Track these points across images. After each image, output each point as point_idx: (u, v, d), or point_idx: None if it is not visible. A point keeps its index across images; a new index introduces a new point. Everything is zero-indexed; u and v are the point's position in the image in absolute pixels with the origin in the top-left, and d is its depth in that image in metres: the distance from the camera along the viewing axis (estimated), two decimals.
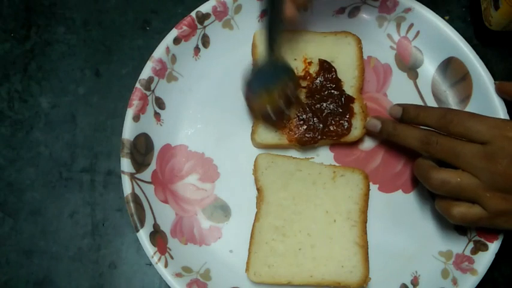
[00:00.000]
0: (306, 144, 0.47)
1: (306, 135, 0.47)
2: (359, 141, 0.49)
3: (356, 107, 0.48)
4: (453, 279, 0.45)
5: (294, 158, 0.48)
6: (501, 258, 0.45)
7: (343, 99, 0.48)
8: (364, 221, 0.46)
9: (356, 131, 0.48)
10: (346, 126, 0.47)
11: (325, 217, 0.46)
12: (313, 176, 0.47)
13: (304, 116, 0.48)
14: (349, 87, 0.49)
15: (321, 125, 0.48)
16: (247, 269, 0.45)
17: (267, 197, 0.47)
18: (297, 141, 0.47)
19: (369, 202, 0.47)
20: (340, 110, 0.48)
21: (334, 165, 0.48)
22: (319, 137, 0.47)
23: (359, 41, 0.50)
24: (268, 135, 0.48)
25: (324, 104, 0.48)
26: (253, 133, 0.48)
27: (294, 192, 0.47)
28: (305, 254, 0.45)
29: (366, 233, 0.46)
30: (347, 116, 0.48)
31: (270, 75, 0.46)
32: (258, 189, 0.47)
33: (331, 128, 0.48)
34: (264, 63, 0.45)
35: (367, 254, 0.46)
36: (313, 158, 0.49)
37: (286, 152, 0.49)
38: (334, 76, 0.49)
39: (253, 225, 0.46)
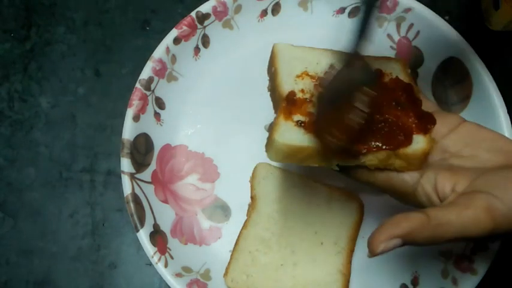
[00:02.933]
0: (345, 158, 0.36)
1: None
2: None
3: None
4: (453, 279, 0.45)
5: (293, 173, 0.48)
6: (501, 258, 0.45)
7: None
8: (351, 250, 0.46)
9: (419, 145, 0.36)
10: (404, 137, 0.37)
11: (313, 237, 0.46)
12: (309, 195, 0.47)
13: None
14: None
15: (371, 132, 0.36)
16: (225, 274, 0.45)
17: (260, 206, 0.47)
18: (330, 149, 0.35)
19: (369, 202, 0.47)
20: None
21: (333, 187, 0.48)
22: (370, 145, 0.36)
23: (404, 64, 0.42)
24: (294, 136, 0.36)
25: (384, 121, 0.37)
26: (273, 134, 0.36)
27: (287, 207, 0.47)
28: (286, 270, 0.45)
29: (350, 262, 0.46)
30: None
31: (355, 82, 0.35)
32: (251, 197, 0.47)
33: (385, 136, 0.37)
34: (349, 67, 0.36)
35: (348, 283, 0.45)
36: (312, 176, 0.48)
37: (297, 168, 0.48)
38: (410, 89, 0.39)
39: (240, 232, 0.46)
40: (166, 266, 0.44)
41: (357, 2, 0.51)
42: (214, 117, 0.50)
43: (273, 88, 0.41)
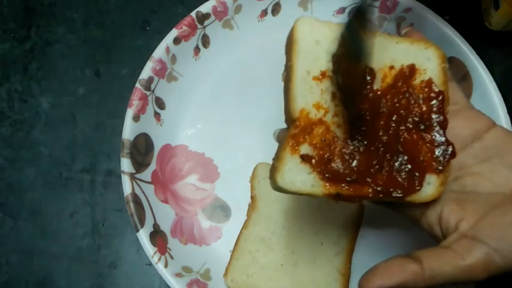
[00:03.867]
0: (351, 201, 0.31)
1: (352, 186, 0.31)
2: None
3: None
4: None
5: None
6: None
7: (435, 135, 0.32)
8: (351, 250, 0.46)
9: (430, 188, 0.32)
10: (417, 180, 0.31)
11: (313, 238, 0.46)
12: None
13: (358, 147, 0.32)
14: None
15: (382, 171, 0.31)
16: (225, 274, 0.45)
17: (260, 206, 0.47)
18: (336, 195, 0.31)
19: (369, 203, 0.47)
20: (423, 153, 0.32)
21: None
22: (377, 190, 0.31)
23: (443, 59, 0.34)
24: (297, 177, 0.31)
25: (402, 137, 0.32)
26: (275, 171, 0.31)
27: (288, 207, 0.47)
28: (286, 270, 0.45)
29: (350, 263, 0.46)
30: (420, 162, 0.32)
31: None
32: (251, 197, 0.47)
33: (395, 179, 0.31)
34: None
35: (348, 283, 0.45)
36: None
37: None
38: (440, 104, 0.32)
39: (240, 232, 0.46)
40: (166, 266, 0.44)
41: (356, 2, 0.51)
42: (214, 117, 0.50)
43: (286, 87, 0.34)
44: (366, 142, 0.32)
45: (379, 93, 0.33)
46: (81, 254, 0.48)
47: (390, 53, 0.34)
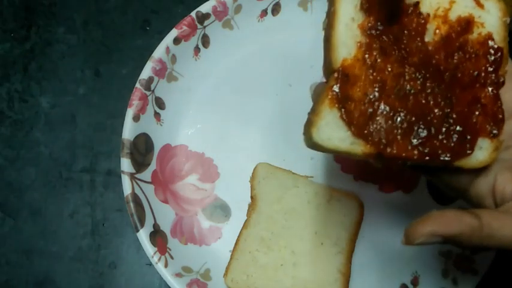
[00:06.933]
0: (393, 163, 0.30)
1: (396, 144, 0.29)
2: None
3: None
4: (453, 279, 0.45)
5: (293, 173, 0.48)
6: (501, 258, 0.45)
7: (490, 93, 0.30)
8: (351, 250, 0.46)
9: (482, 153, 0.30)
10: (469, 143, 0.29)
11: (313, 238, 0.46)
12: (309, 195, 0.47)
13: (404, 103, 0.29)
14: None
15: (428, 131, 0.29)
16: (225, 274, 0.45)
17: (260, 206, 0.47)
18: (378, 155, 0.29)
19: (369, 202, 0.47)
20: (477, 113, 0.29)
21: (333, 188, 0.47)
22: (423, 152, 0.29)
23: (505, 13, 0.31)
24: (335, 133, 0.29)
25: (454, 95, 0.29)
26: (310, 125, 0.29)
27: (287, 207, 0.47)
28: (286, 271, 0.45)
29: (350, 262, 0.46)
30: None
31: None
32: (251, 197, 0.47)
33: (444, 141, 0.29)
34: None
35: (348, 283, 0.45)
36: (312, 177, 0.48)
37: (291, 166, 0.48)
38: (500, 55, 0.30)
39: (240, 232, 0.46)
40: (166, 266, 0.44)
41: None
42: (214, 117, 0.50)
43: (327, 35, 0.31)
44: (412, 98, 0.29)
45: (430, 48, 0.30)
46: (81, 254, 0.48)
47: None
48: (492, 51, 0.30)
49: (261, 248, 0.46)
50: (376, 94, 0.29)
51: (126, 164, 0.45)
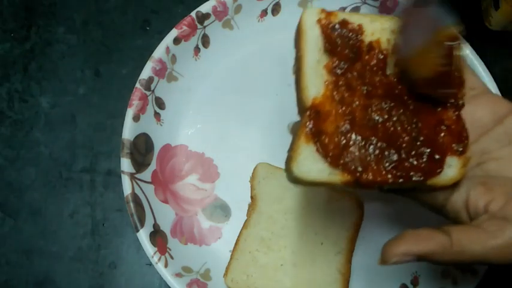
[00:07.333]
0: (370, 188, 0.31)
1: (371, 170, 0.31)
2: None
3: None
4: (453, 279, 0.45)
5: None
6: None
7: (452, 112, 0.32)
8: (351, 250, 0.46)
9: (451, 171, 0.32)
10: (438, 162, 0.31)
11: (313, 238, 0.46)
12: (309, 195, 0.47)
13: (374, 132, 0.31)
14: None
15: (399, 155, 0.31)
16: (225, 274, 0.45)
17: (260, 206, 0.47)
18: (355, 182, 0.31)
19: (369, 202, 0.47)
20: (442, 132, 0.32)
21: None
22: (397, 174, 0.31)
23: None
24: (314, 166, 0.31)
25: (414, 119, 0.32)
26: (290, 161, 0.31)
27: (287, 207, 0.47)
28: (286, 271, 0.45)
29: (350, 262, 0.46)
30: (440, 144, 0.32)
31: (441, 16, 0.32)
32: (251, 197, 0.47)
33: (414, 162, 0.31)
34: None
35: (348, 283, 0.45)
36: None
37: None
38: (458, 79, 0.33)
39: (240, 232, 0.46)
40: (166, 266, 0.44)
41: (356, 2, 0.51)
42: (214, 117, 0.50)
43: (297, 77, 0.34)
44: (381, 126, 0.31)
45: (392, 79, 0.33)
46: (81, 254, 0.48)
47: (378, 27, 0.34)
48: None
49: (261, 248, 0.46)
50: (348, 126, 0.31)
51: (126, 164, 0.45)
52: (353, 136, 0.31)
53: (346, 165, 0.31)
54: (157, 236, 0.45)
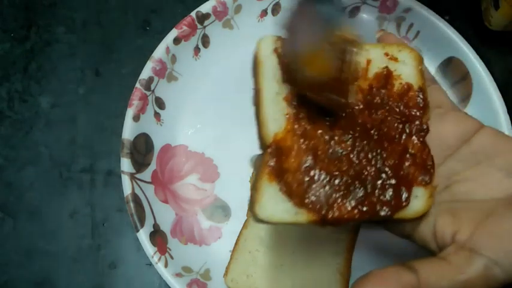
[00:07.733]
0: (338, 225, 0.30)
1: (337, 207, 0.29)
2: None
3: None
4: None
5: None
6: None
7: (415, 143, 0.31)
8: (351, 250, 0.46)
9: (418, 202, 0.30)
10: (404, 195, 0.30)
11: (313, 238, 0.46)
12: None
13: (338, 168, 0.30)
14: None
15: (365, 190, 0.30)
16: (225, 274, 0.45)
17: None
18: (322, 221, 0.29)
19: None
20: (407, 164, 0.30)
21: None
22: (363, 210, 0.29)
23: (420, 61, 0.33)
24: (278, 206, 0.29)
25: (381, 151, 0.30)
26: (254, 202, 0.30)
27: None
28: (286, 271, 0.45)
29: (350, 263, 0.46)
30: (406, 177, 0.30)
31: (331, 18, 0.29)
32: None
33: (380, 197, 0.30)
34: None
35: (348, 284, 0.45)
36: None
37: None
38: (421, 103, 0.31)
39: (240, 232, 0.46)
40: (166, 266, 0.44)
41: (356, 2, 0.51)
42: (214, 117, 0.50)
43: (257, 112, 0.32)
44: (345, 159, 0.30)
45: (360, 107, 0.31)
46: (81, 254, 0.48)
47: (362, 61, 0.32)
48: (413, 101, 0.31)
49: (261, 248, 0.46)
50: (311, 161, 0.30)
51: (126, 164, 0.45)
52: (317, 172, 0.29)
53: (311, 203, 0.29)
54: (157, 236, 0.45)
